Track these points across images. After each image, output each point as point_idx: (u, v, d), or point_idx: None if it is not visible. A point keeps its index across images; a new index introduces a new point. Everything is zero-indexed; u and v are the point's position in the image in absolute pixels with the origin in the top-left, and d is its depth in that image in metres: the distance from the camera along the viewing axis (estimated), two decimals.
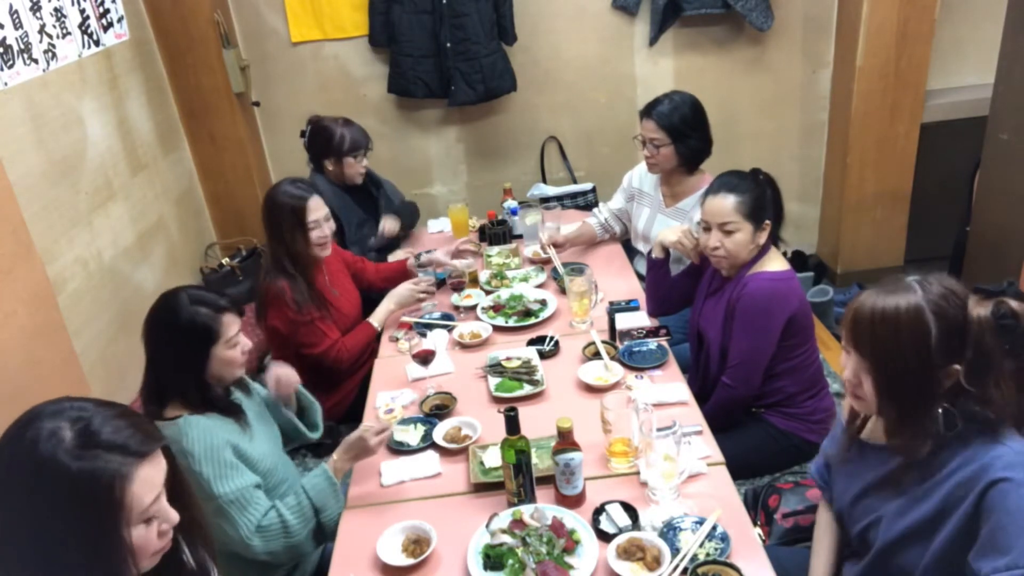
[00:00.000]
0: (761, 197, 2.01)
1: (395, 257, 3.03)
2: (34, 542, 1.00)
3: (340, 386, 2.57)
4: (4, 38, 2.17)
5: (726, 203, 1.99)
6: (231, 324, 1.72)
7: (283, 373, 1.99)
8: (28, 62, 2.30)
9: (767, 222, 2.02)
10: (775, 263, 2.05)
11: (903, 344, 1.24)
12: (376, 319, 2.57)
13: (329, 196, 2.94)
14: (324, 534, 1.74)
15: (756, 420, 2.14)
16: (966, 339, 1.23)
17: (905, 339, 1.24)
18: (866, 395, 1.32)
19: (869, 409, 1.36)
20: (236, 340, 1.74)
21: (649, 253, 2.36)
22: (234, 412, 1.77)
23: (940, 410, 1.26)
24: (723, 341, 2.10)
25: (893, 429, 1.34)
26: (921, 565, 1.30)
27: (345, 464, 1.77)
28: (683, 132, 2.54)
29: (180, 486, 1.16)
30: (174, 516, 1.11)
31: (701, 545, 1.48)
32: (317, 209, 2.41)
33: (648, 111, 2.59)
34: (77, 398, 1.08)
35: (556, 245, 2.82)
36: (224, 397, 1.78)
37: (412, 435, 1.95)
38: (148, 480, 1.05)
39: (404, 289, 2.61)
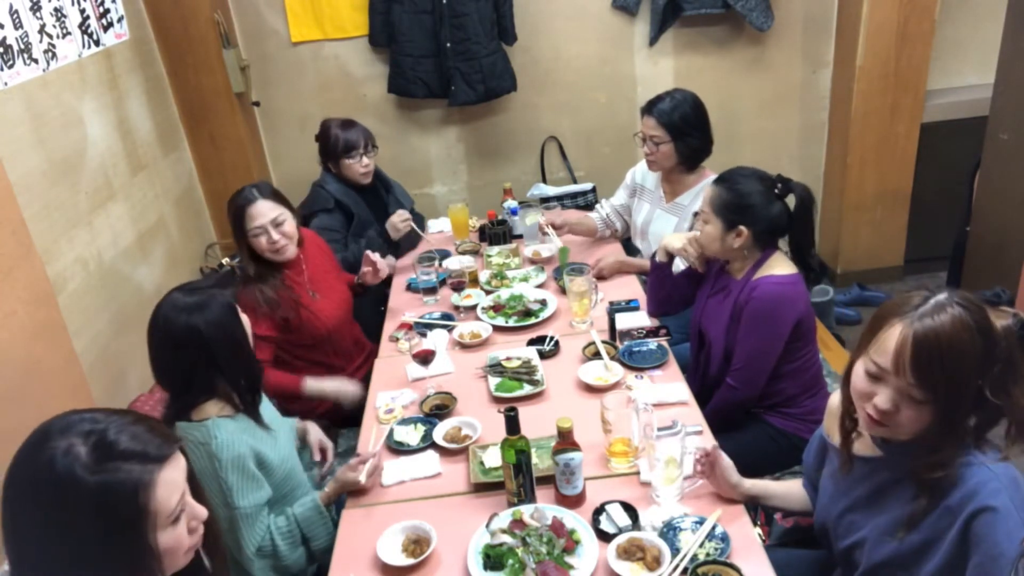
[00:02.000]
0: (745, 198, 2.01)
1: (402, 263, 3.03)
2: (61, 559, 0.98)
3: None
4: (4, 38, 2.17)
5: (710, 192, 2.07)
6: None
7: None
8: (28, 62, 2.29)
9: (741, 228, 2.01)
10: (782, 266, 2.03)
11: (967, 371, 1.19)
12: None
13: (338, 194, 2.96)
14: (315, 557, 1.76)
15: (755, 420, 2.14)
16: (995, 352, 1.20)
17: (969, 365, 1.19)
18: (900, 422, 1.24)
19: (895, 435, 1.29)
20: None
21: (653, 256, 2.35)
22: (259, 414, 1.77)
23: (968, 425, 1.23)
24: (727, 342, 2.09)
25: (931, 451, 1.26)
26: None
27: (336, 496, 1.78)
28: (683, 130, 2.54)
29: (196, 487, 1.15)
30: (202, 511, 1.10)
31: (701, 545, 1.48)
32: (261, 215, 2.29)
33: (649, 108, 2.59)
34: (85, 410, 1.06)
35: (555, 227, 2.84)
36: (253, 396, 1.78)
37: (412, 435, 1.95)
38: (171, 482, 1.04)
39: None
